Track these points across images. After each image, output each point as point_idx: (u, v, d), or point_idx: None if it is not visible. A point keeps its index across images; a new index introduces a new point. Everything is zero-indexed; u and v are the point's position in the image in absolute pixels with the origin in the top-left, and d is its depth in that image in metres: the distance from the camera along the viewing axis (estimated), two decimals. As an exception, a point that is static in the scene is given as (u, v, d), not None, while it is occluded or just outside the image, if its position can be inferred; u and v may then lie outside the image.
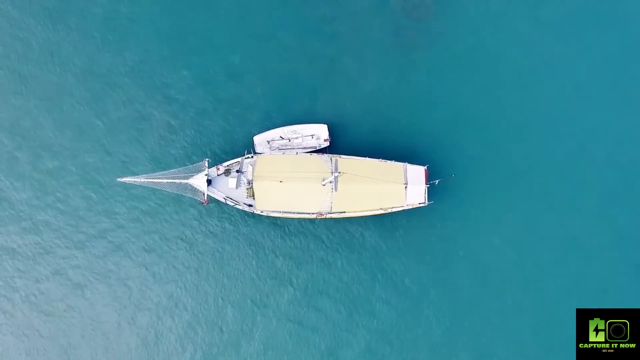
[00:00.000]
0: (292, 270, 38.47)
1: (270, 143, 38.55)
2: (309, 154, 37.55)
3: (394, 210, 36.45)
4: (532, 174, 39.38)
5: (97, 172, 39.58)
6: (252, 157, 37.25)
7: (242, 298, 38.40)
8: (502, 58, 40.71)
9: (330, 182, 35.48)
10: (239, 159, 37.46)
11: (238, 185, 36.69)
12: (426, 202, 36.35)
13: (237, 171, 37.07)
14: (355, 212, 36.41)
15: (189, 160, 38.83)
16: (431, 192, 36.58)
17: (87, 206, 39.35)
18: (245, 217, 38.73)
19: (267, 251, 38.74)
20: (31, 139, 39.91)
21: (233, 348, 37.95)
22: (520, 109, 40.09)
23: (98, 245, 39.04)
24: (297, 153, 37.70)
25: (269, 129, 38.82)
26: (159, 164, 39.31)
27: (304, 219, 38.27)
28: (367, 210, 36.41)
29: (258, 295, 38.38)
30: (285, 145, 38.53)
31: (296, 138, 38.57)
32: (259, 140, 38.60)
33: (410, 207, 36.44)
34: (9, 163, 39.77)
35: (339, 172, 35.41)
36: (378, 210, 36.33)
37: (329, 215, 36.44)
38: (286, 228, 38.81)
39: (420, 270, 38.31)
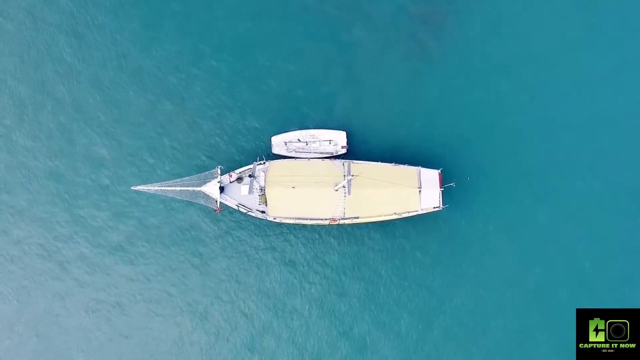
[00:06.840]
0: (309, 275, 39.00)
1: (288, 145, 37.97)
2: (321, 159, 36.78)
3: (408, 215, 35.94)
4: (543, 177, 39.61)
5: (111, 181, 39.46)
6: (264, 163, 36.62)
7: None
8: (517, 63, 40.58)
9: (344, 186, 34.79)
10: (251, 166, 36.86)
11: (250, 190, 36.11)
12: (441, 206, 35.89)
13: (250, 176, 36.51)
14: (368, 217, 35.95)
15: (201, 168, 38.54)
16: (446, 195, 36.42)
17: (100, 215, 39.40)
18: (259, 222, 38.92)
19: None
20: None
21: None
22: (536, 112, 40.09)
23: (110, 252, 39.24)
24: (309, 159, 36.92)
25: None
26: (172, 172, 39.14)
27: (320, 225, 37.81)
28: (380, 216, 35.96)
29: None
30: (302, 149, 37.92)
31: (314, 142, 38.01)
32: (277, 141, 38.04)
33: (424, 211, 35.94)
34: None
35: (352, 175, 34.73)
36: (392, 215, 35.81)
37: (342, 221, 35.89)
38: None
39: (427, 273, 38.86)
